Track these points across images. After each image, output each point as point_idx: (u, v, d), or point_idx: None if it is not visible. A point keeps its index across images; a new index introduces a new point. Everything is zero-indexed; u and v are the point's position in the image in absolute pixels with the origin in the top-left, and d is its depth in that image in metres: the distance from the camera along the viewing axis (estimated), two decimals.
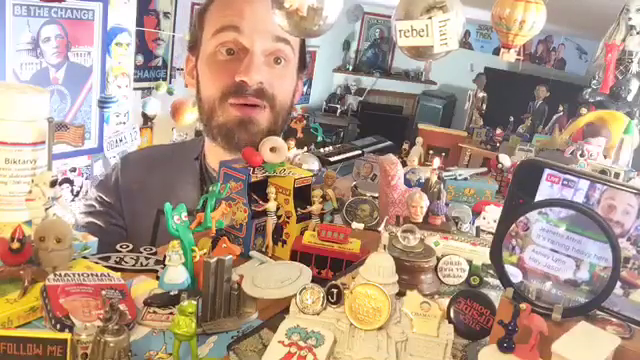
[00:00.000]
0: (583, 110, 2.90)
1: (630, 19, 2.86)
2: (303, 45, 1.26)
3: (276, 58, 1.17)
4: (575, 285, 0.72)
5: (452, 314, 0.78)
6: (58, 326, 0.68)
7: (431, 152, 2.24)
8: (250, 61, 1.14)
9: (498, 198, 1.42)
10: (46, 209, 0.89)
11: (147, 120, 3.65)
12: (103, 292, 0.74)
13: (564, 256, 0.72)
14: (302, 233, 0.98)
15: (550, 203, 0.73)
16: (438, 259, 0.95)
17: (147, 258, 0.93)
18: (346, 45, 6.63)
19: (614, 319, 0.71)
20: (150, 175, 1.29)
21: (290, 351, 0.66)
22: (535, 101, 4.21)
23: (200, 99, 1.23)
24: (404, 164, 1.30)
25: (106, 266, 0.87)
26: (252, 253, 0.97)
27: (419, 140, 2.16)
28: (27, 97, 0.91)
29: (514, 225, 0.74)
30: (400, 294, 0.72)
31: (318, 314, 0.70)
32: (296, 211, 1.00)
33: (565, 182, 0.73)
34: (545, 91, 4.22)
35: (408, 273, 0.88)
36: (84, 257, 0.88)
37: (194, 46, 1.25)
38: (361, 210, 1.16)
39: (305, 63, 1.29)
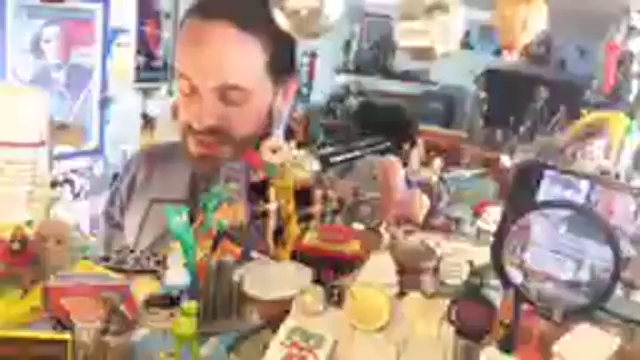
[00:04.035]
0: (583, 111, 2.89)
1: (631, 19, 2.86)
2: (292, 46, 1.19)
3: (231, 97, 1.10)
4: (576, 286, 0.72)
5: (452, 315, 0.78)
6: (58, 327, 0.68)
7: (432, 153, 2.24)
8: (200, 104, 1.09)
9: (499, 199, 1.41)
10: (47, 210, 0.89)
11: (148, 120, 3.65)
12: (104, 293, 0.74)
13: (565, 257, 0.72)
14: (303, 234, 0.98)
15: (550, 204, 0.73)
16: (438, 260, 0.95)
17: (148, 259, 0.93)
18: (346, 45, 6.63)
19: (615, 320, 0.71)
20: (148, 171, 1.29)
21: (291, 352, 0.66)
22: (536, 102, 4.21)
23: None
24: (405, 165, 1.30)
25: (107, 267, 0.87)
26: (253, 254, 0.97)
27: (420, 141, 2.15)
28: (28, 98, 0.91)
29: (515, 226, 0.74)
30: (400, 295, 0.72)
31: (319, 315, 0.70)
32: (296, 212, 1.00)
33: (566, 183, 0.73)
34: (545, 92, 4.22)
35: (408, 274, 0.88)
36: (85, 258, 0.88)
37: None
38: (361, 211, 1.16)
39: (293, 66, 1.21)
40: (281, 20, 0.80)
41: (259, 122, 1.16)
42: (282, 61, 1.17)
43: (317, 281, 0.80)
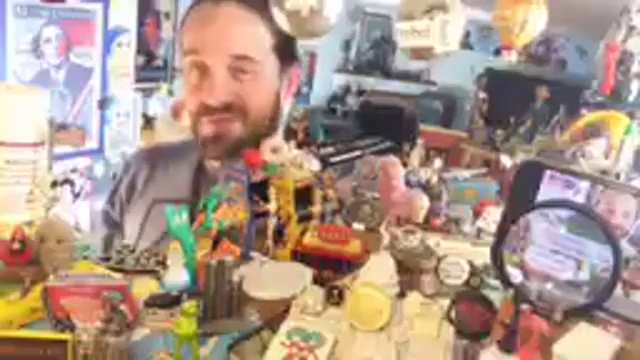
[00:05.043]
0: (583, 111, 2.89)
1: (631, 20, 2.86)
2: (289, 39, 1.19)
3: (242, 71, 1.13)
4: (576, 286, 0.72)
5: (452, 315, 0.78)
6: (59, 327, 0.68)
7: (432, 153, 2.24)
8: (212, 81, 1.11)
9: (499, 199, 1.41)
10: (47, 210, 0.89)
11: (148, 121, 3.65)
12: (104, 293, 0.74)
13: (565, 257, 0.72)
14: (303, 234, 0.98)
15: (551, 204, 0.73)
16: (438, 260, 0.95)
17: (147, 258, 0.93)
18: (346, 45, 6.63)
19: (615, 320, 0.71)
20: (149, 171, 1.29)
21: (291, 352, 0.66)
22: (536, 102, 4.21)
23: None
24: (405, 165, 1.30)
25: (107, 267, 0.87)
26: (252, 254, 0.97)
27: (420, 141, 2.15)
28: (28, 98, 0.91)
29: (515, 226, 0.74)
30: (401, 295, 0.72)
31: (319, 315, 0.70)
32: (297, 212, 1.00)
33: (566, 183, 0.73)
34: (545, 92, 4.22)
35: (408, 274, 0.87)
36: (85, 258, 0.88)
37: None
38: (362, 211, 1.16)
39: (295, 54, 1.24)
40: (281, 20, 0.80)
41: (269, 102, 1.19)
42: (287, 47, 1.21)
43: (317, 281, 0.80)
